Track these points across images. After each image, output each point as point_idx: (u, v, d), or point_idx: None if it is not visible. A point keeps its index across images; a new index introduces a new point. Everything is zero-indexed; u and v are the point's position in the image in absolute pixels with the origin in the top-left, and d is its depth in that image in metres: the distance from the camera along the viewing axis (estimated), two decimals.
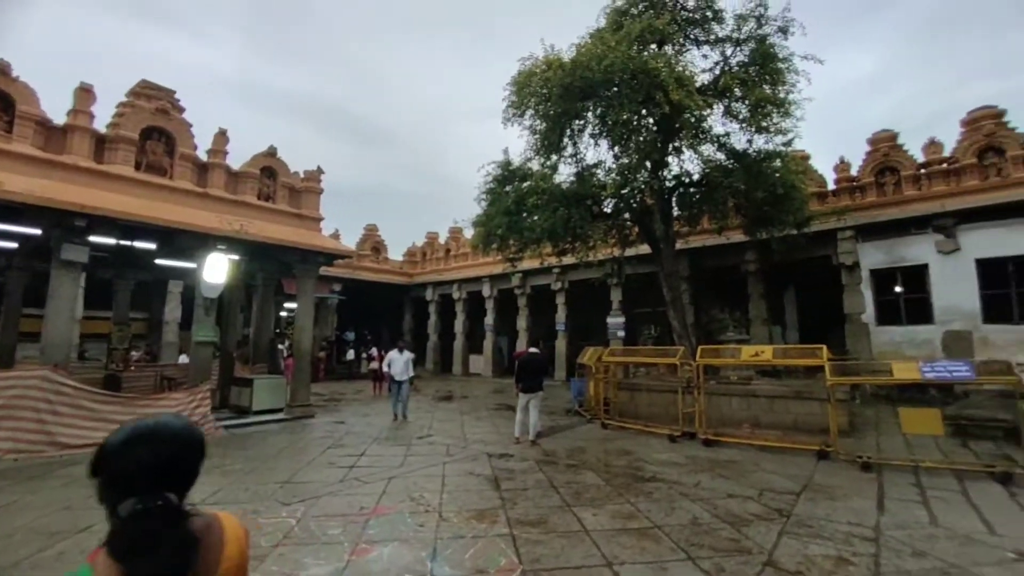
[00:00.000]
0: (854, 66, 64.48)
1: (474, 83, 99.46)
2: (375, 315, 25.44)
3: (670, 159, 11.30)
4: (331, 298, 21.40)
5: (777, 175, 10.48)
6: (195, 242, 8.91)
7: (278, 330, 17.42)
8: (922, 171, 12.79)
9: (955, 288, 11.54)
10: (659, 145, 10.44)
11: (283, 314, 19.75)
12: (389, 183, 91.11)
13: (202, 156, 9.98)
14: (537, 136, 11.65)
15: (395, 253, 26.33)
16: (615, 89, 9.78)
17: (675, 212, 12.41)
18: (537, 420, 7.90)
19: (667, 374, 10.51)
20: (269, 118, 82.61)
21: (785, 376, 10.59)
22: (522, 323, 20.12)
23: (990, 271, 11.35)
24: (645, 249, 12.89)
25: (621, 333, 16.69)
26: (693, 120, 9.76)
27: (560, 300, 19.04)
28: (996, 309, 11.20)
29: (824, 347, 7.25)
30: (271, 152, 11.15)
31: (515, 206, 11.42)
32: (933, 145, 12.90)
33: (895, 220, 12.38)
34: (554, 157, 11.75)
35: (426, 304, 24.26)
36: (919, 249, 12.10)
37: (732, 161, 10.77)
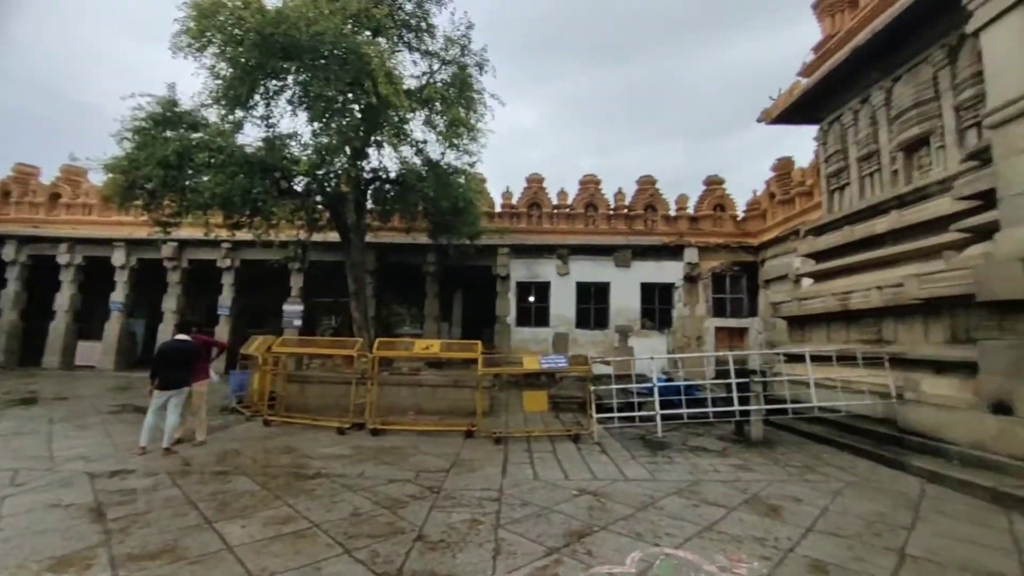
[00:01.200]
0: (519, 120, 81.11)
1: None
2: None
3: (371, 151, 11.32)
4: None
5: (461, 190, 11.98)
6: None
7: None
8: (555, 211, 17.01)
9: (563, 301, 15.90)
10: (362, 133, 10.28)
11: None
12: None
13: None
14: (221, 83, 9.69)
15: None
16: (323, 61, 9.12)
17: (369, 205, 12.49)
18: (176, 423, 6.46)
19: (343, 366, 10.39)
20: None
21: (448, 367, 12.10)
22: (171, 303, 16.27)
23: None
24: (334, 236, 12.46)
25: (298, 322, 15.62)
26: (397, 119, 10.08)
27: (228, 280, 16.34)
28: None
29: (479, 343, 8.65)
30: None
31: (177, 158, 9.17)
32: (562, 193, 17.31)
33: (535, 245, 16.10)
34: (240, 113, 10.02)
35: (2, 266, 16.64)
36: (547, 270, 16.08)
37: (426, 168, 11.61)
